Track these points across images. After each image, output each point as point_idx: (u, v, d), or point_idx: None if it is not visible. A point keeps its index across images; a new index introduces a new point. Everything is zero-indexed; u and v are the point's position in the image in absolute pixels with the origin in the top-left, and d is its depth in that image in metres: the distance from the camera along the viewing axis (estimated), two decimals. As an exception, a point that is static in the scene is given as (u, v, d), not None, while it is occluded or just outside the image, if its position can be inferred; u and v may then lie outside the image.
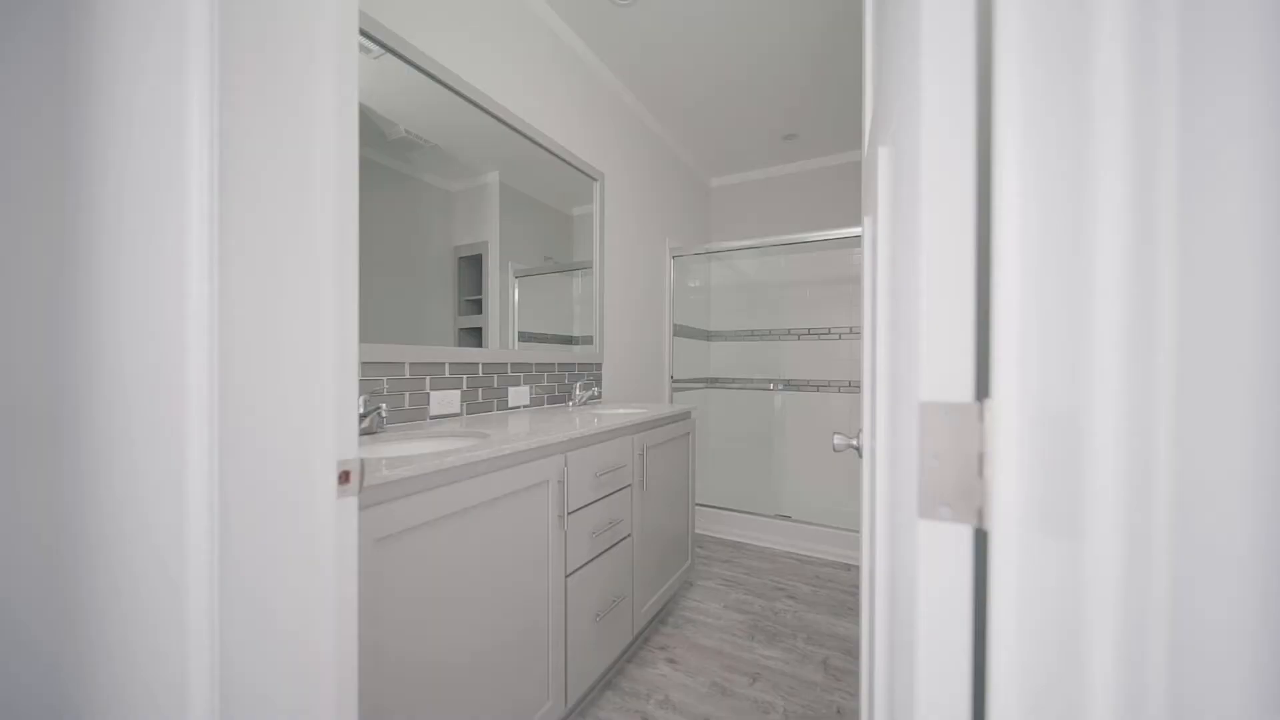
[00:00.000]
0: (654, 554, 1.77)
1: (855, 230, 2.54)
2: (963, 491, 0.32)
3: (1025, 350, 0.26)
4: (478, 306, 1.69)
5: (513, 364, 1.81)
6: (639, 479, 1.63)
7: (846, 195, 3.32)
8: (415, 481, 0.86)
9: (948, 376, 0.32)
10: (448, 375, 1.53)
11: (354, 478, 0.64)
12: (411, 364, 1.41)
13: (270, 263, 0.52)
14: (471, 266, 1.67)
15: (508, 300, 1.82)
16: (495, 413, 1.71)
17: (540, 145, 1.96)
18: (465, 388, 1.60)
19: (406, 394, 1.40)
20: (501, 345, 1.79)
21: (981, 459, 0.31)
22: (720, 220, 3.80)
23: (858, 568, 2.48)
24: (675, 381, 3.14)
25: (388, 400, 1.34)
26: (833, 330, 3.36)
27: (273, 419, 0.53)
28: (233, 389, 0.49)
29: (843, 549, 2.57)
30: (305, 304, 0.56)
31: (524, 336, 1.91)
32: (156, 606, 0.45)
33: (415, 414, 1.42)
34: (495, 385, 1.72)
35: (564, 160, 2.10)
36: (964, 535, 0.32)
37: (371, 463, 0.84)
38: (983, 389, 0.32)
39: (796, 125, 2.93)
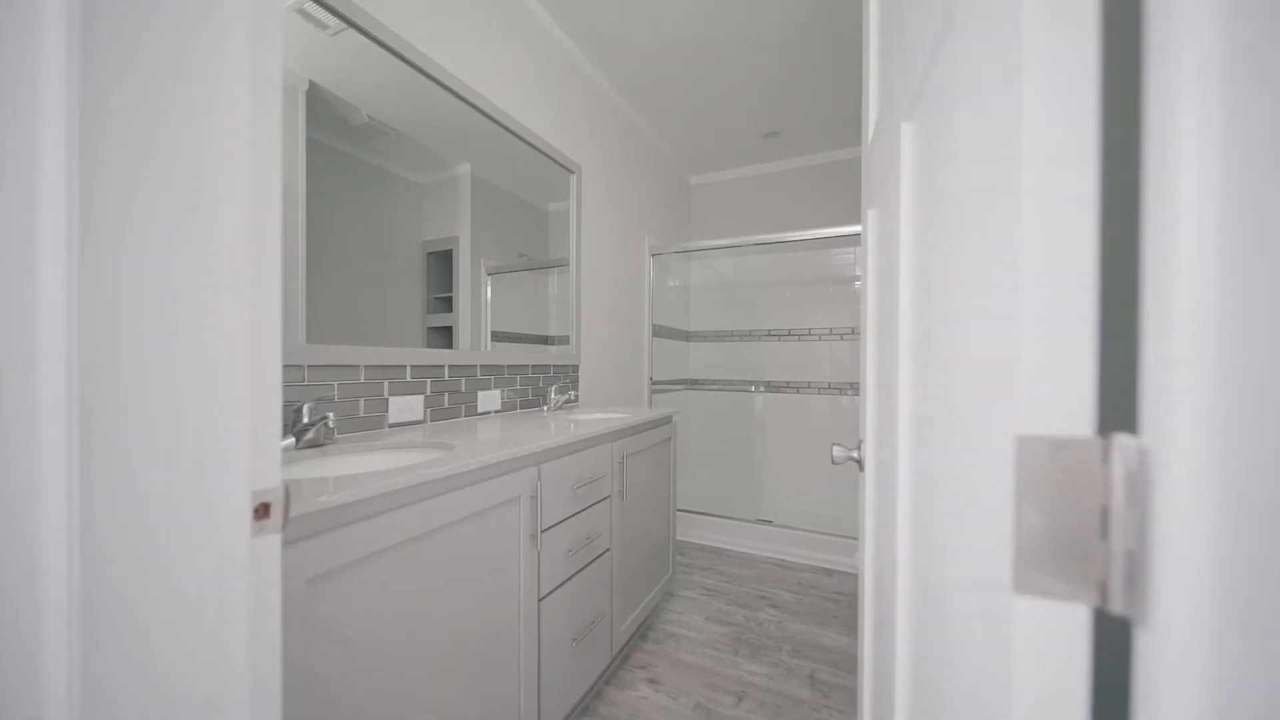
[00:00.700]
0: (634, 567, 1.67)
1: (841, 230, 2.50)
2: (1078, 559, 0.23)
3: (1224, 369, 0.18)
4: (448, 305, 1.57)
5: (483, 366, 1.69)
6: (618, 489, 1.54)
7: (829, 195, 3.29)
8: (359, 507, 0.74)
9: (1059, 402, 0.24)
10: (409, 379, 1.40)
11: (275, 510, 0.52)
12: (368, 367, 1.28)
13: (153, 250, 0.40)
14: (441, 262, 1.55)
15: (480, 298, 1.70)
16: (463, 419, 1.59)
17: (514, 134, 1.84)
18: (429, 392, 1.47)
19: (362, 400, 1.27)
20: (473, 345, 1.67)
21: (1106, 515, 0.22)
22: (700, 219, 3.73)
23: (840, 573, 2.44)
24: (654, 383, 3.05)
25: (339, 408, 1.21)
26: (813, 331, 3.33)
27: (161, 445, 0.41)
28: (101, 406, 0.37)
29: (824, 553, 2.53)
30: (210, 302, 0.44)
31: (497, 336, 1.79)
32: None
33: (372, 422, 1.29)
34: (463, 389, 1.60)
35: (539, 150, 1.98)
36: (1080, 621, 0.23)
37: (305, 486, 0.72)
38: (1107, 420, 0.23)
39: (778, 123, 2.88)
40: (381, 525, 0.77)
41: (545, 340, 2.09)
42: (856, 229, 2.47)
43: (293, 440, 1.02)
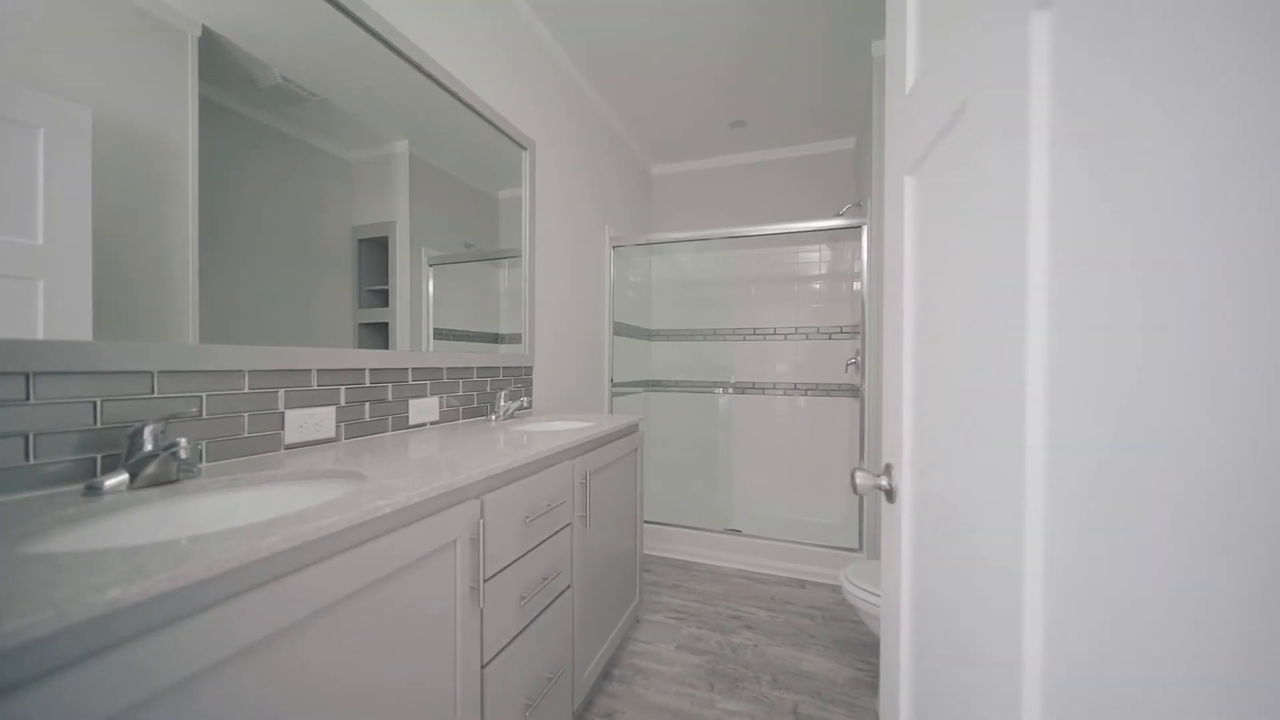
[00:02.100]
0: (598, 601, 1.45)
1: (811, 224, 2.38)
2: None
3: None
4: (384, 299, 1.32)
5: (416, 369, 1.41)
6: (581, 514, 1.31)
7: (796, 191, 3.19)
8: (177, 600, 0.48)
9: None
10: (315, 387, 1.12)
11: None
12: (255, 373, 0.99)
13: None
14: (375, 251, 1.31)
15: (420, 291, 1.46)
16: (390, 434, 1.31)
17: (460, 99, 1.58)
18: (344, 402, 1.18)
19: (246, 415, 0.97)
20: (413, 344, 1.42)
21: None
22: (662, 212, 3.54)
23: (813, 584, 2.32)
24: (615, 385, 2.83)
25: (211, 427, 0.91)
26: (778, 330, 3.22)
27: None
28: None
29: (795, 563, 2.40)
30: None
31: (441, 334, 1.55)
32: None
33: (261, 444, 1.00)
34: (390, 398, 1.32)
35: (489, 121, 1.72)
36: None
37: (76, 568, 0.45)
38: None
39: (745, 111, 2.73)
40: (227, 618, 0.51)
41: (496, 339, 1.84)
42: (827, 223, 2.35)
43: (126, 477, 0.73)
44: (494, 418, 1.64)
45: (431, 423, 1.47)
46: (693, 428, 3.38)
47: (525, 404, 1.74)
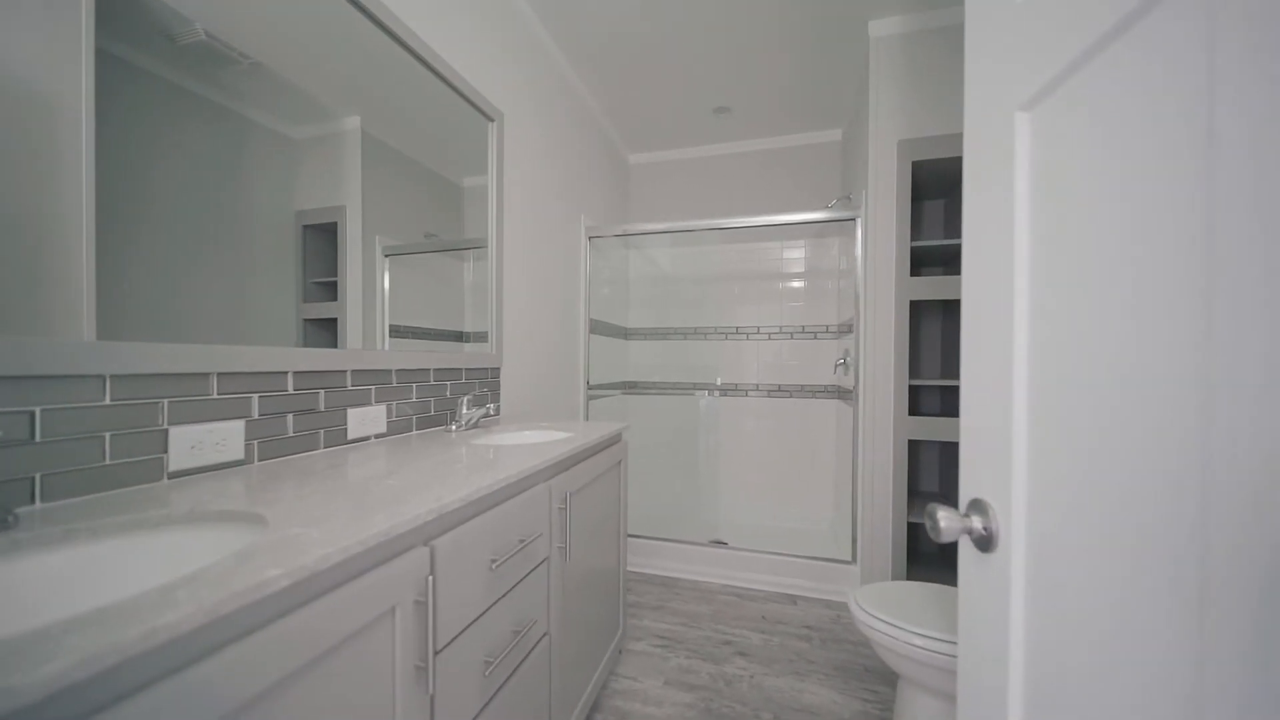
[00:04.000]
0: (580, 641, 1.24)
1: (800, 216, 2.23)
2: None
3: None
4: (334, 291, 1.17)
5: (356, 372, 1.17)
6: (560, 545, 1.10)
7: (779, 185, 3.05)
8: None
9: None
10: (216, 396, 0.87)
11: None
12: (116, 377, 0.74)
13: None
14: (323, 238, 1.15)
15: (374, 284, 1.27)
16: (323, 452, 1.06)
17: (417, 56, 1.36)
18: (258, 414, 0.94)
19: (107, 436, 0.72)
20: (365, 342, 1.23)
21: None
22: (640, 203, 3.35)
23: (805, 599, 2.17)
24: (591, 387, 2.62)
25: (41, 452, 0.66)
26: (761, 329, 3.08)
27: None
28: None
29: (785, 577, 2.25)
30: None
31: (398, 331, 1.36)
32: None
33: (132, 473, 0.75)
34: (322, 407, 1.07)
35: (449, 84, 1.49)
36: None
37: None
38: None
39: (730, 95, 2.56)
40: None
41: (460, 337, 1.64)
42: (817, 215, 2.21)
43: None
44: (455, 428, 1.41)
45: (377, 435, 1.22)
46: (673, 432, 3.21)
47: (491, 411, 1.51)
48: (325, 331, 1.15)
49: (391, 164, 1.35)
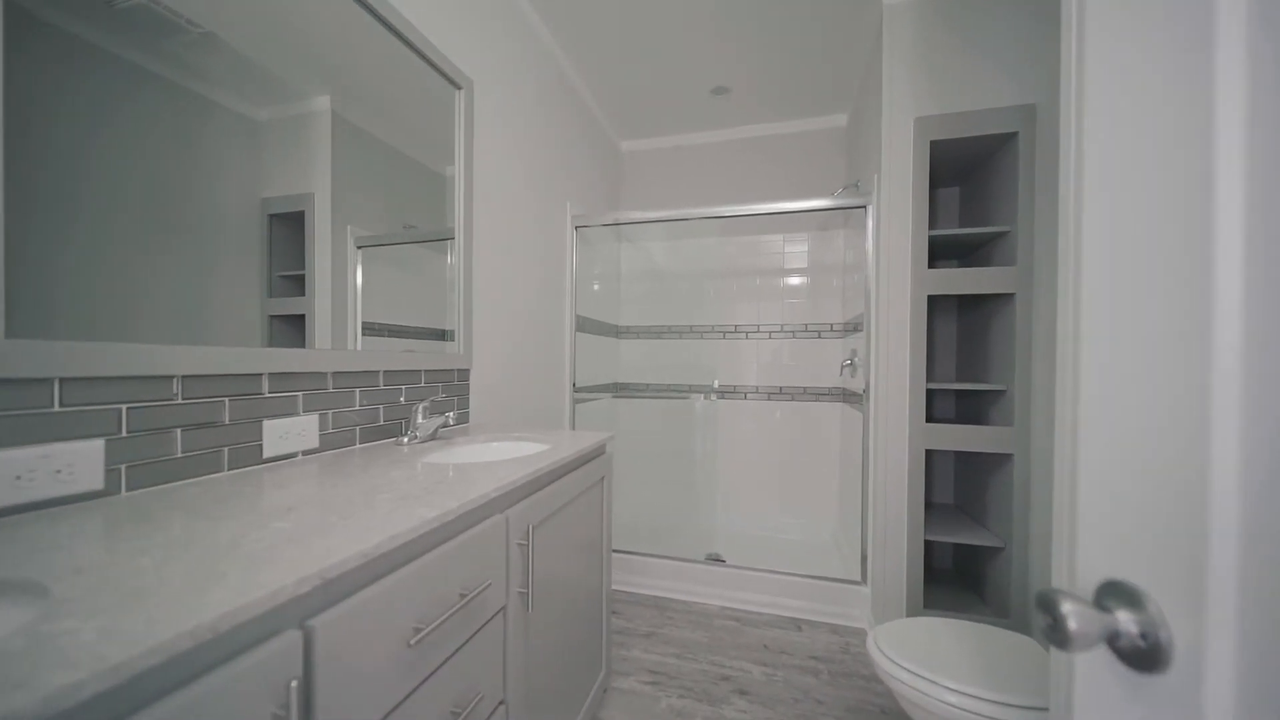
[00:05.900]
0: (551, 701, 1.04)
1: (805, 204, 2.04)
2: None
3: None
4: (302, 285, 1.07)
5: (275, 375, 0.96)
6: (522, 589, 0.89)
7: (780, 173, 2.86)
8: None
9: None
10: (58, 408, 0.66)
11: None
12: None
13: None
14: (290, 228, 1.05)
15: (345, 278, 1.17)
16: (226, 474, 0.86)
17: (366, 6, 1.15)
18: (125, 431, 0.73)
19: None
20: (335, 339, 1.13)
21: None
22: (633, 193, 3.15)
23: (811, 623, 1.97)
24: (577, 390, 2.42)
25: None
26: (761, 328, 2.89)
27: None
28: None
29: (789, 599, 2.05)
30: None
31: (372, 329, 1.25)
32: None
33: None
34: (227, 420, 0.87)
35: (400, 36, 1.28)
36: None
37: None
38: None
39: (730, 74, 2.36)
40: None
41: (443, 335, 1.53)
42: (824, 203, 2.02)
43: None
44: (406, 440, 1.20)
45: (306, 452, 1.02)
46: (666, 437, 3.00)
47: (452, 419, 1.31)
48: (294, 329, 1.03)
49: (366, 149, 1.22)
